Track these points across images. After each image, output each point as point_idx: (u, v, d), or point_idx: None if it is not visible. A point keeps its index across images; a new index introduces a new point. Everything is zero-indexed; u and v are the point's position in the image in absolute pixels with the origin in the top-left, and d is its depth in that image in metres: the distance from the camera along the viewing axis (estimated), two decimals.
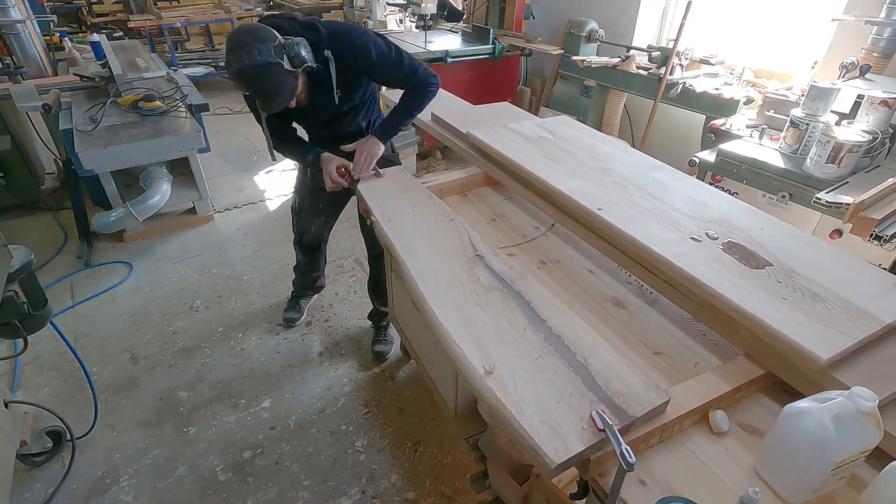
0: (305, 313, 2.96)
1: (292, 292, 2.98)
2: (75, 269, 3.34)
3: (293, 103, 1.80)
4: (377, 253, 2.45)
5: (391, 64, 1.91)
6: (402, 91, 2.04)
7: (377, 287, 2.59)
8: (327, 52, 1.78)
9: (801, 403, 0.94)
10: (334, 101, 1.92)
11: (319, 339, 2.81)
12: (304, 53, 1.68)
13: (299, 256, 2.76)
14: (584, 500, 1.09)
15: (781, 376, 1.19)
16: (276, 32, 1.66)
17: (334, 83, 1.84)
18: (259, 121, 1.98)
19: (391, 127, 2.03)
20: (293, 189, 2.52)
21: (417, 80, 1.98)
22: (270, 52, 1.60)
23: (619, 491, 0.92)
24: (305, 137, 2.20)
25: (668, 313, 1.51)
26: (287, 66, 1.65)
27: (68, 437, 2.14)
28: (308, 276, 2.87)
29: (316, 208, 2.44)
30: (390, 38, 1.97)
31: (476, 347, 1.19)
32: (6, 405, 1.91)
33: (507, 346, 1.19)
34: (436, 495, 2.06)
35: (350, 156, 2.02)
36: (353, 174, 1.97)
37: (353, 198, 2.12)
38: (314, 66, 1.74)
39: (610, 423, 0.94)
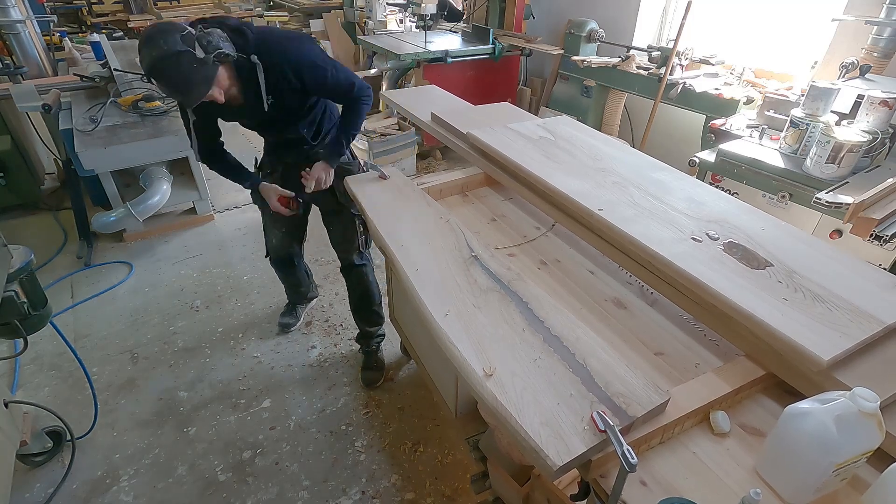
0: (302, 318, 2.93)
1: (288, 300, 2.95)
2: (75, 269, 3.34)
3: (221, 98, 1.74)
4: (348, 264, 2.39)
5: (326, 78, 1.87)
6: (343, 111, 2.03)
7: (358, 304, 2.49)
8: (254, 58, 1.72)
9: (803, 404, 0.94)
10: (263, 106, 1.86)
11: (319, 339, 2.81)
12: (218, 42, 1.64)
13: (277, 273, 2.71)
14: (585, 501, 1.09)
15: (782, 377, 1.19)
16: (186, 25, 1.64)
17: (263, 89, 1.78)
18: (187, 126, 1.94)
19: (336, 149, 2.02)
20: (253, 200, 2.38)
21: (354, 94, 1.95)
22: (178, 41, 1.56)
23: (621, 492, 0.92)
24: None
25: (668, 314, 1.50)
26: (199, 53, 1.60)
27: (68, 437, 2.14)
28: (295, 292, 2.82)
29: (275, 220, 2.33)
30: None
31: (475, 350, 1.19)
32: (6, 405, 1.91)
33: (506, 348, 1.19)
34: (436, 495, 2.06)
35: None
36: (316, 187, 2.00)
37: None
38: (232, 55, 1.69)
39: (611, 423, 0.94)
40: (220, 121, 2.04)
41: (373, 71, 5.28)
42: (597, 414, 0.98)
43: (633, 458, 0.86)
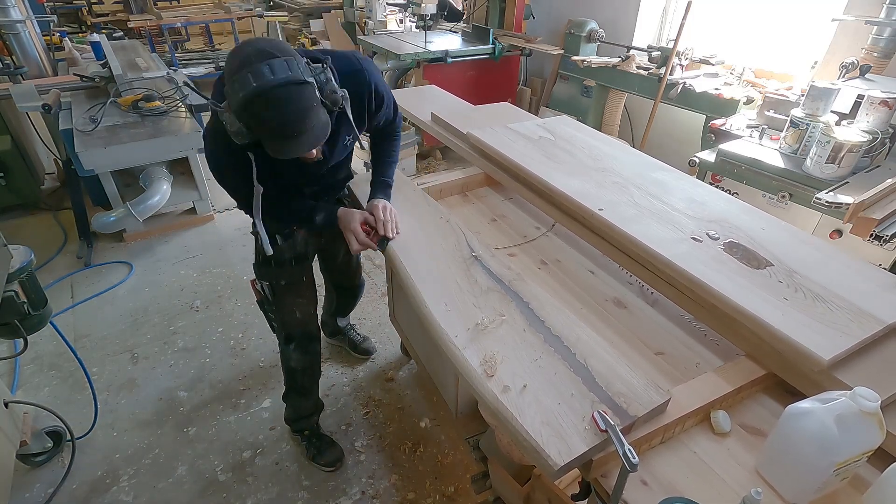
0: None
1: (297, 431, 2.24)
2: (75, 269, 3.34)
3: (318, 152, 1.47)
4: (353, 285, 2.45)
5: (389, 104, 1.68)
6: (379, 140, 1.81)
7: (348, 306, 2.59)
8: (343, 91, 1.37)
9: (804, 404, 0.94)
10: (345, 145, 1.64)
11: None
12: (335, 84, 1.34)
13: (296, 361, 2.02)
14: (587, 500, 1.08)
15: (783, 376, 1.19)
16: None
17: (353, 124, 1.45)
18: (231, 182, 1.55)
19: (390, 182, 1.76)
20: (254, 279, 1.94)
21: (398, 122, 1.82)
22: (303, 68, 1.21)
23: (622, 492, 0.92)
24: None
25: (669, 313, 1.50)
26: (318, 93, 1.27)
27: (68, 437, 2.14)
28: (311, 391, 2.16)
29: (291, 289, 1.90)
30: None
31: (475, 350, 1.19)
32: (6, 405, 1.91)
33: (506, 348, 1.19)
34: (436, 495, 2.06)
35: None
36: (385, 232, 1.61)
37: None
38: (341, 103, 1.36)
39: (612, 423, 0.94)
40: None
41: None
42: (598, 413, 0.98)
43: (634, 458, 0.86)
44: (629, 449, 0.87)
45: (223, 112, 1.26)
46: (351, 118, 1.43)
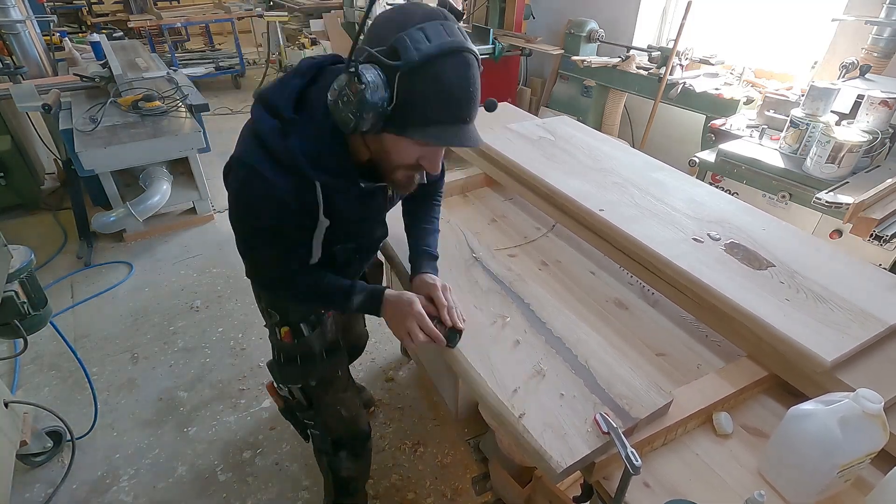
0: None
1: None
2: (75, 269, 3.33)
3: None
4: (362, 344, 2.13)
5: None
6: (414, 203, 1.47)
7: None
8: None
9: (807, 405, 0.94)
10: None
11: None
12: None
13: (349, 470, 1.70)
14: (588, 503, 1.08)
15: (785, 378, 1.19)
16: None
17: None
18: (281, 243, 1.16)
19: (434, 253, 1.40)
20: (273, 383, 1.56)
21: (442, 181, 1.55)
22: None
23: (625, 494, 0.91)
24: None
25: (670, 314, 1.50)
26: None
27: (68, 437, 2.14)
28: (362, 491, 1.89)
29: (337, 378, 1.53)
30: None
31: (476, 352, 1.19)
32: (6, 405, 1.90)
33: (507, 350, 1.19)
34: (436, 495, 2.06)
35: None
36: (454, 322, 1.23)
37: None
38: None
39: (614, 425, 0.94)
40: None
41: None
42: (600, 416, 0.98)
43: (637, 461, 0.85)
44: (632, 451, 0.87)
45: (367, 69, 0.91)
46: None
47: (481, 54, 4.46)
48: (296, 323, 1.39)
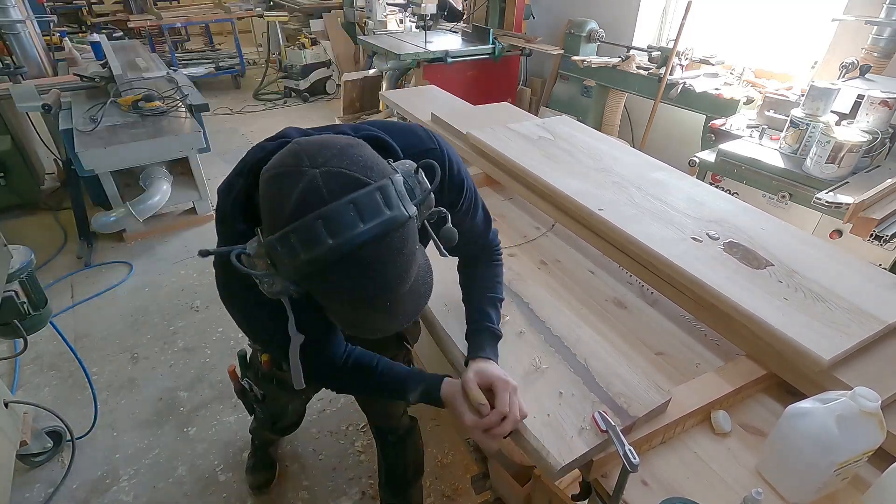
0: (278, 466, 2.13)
1: (252, 436, 2.07)
2: (75, 269, 3.33)
3: None
4: (402, 433, 1.67)
5: (470, 200, 1.12)
6: (468, 265, 1.26)
7: (412, 476, 1.77)
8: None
9: (804, 404, 0.94)
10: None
11: None
12: (428, 188, 0.82)
13: (268, 437, 2.02)
14: (587, 501, 1.08)
15: (783, 376, 1.19)
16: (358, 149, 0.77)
17: (433, 237, 0.89)
18: (266, 331, 1.03)
19: (496, 330, 1.16)
20: (236, 371, 1.65)
21: (493, 238, 1.26)
22: (401, 188, 0.75)
23: (623, 492, 0.92)
24: None
25: (669, 313, 1.50)
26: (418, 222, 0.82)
27: (68, 437, 2.14)
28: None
29: (287, 386, 1.38)
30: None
31: None
32: (6, 405, 1.91)
33: (506, 348, 1.19)
34: (436, 495, 2.06)
35: None
36: (516, 422, 0.99)
37: None
38: (444, 211, 0.87)
39: (612, 423, 0.94)
40: None
41: (372, 71, 5.28)
42: (598, 414, 0.98)
43: (635, 459, 0.86)
44: (630, 449, 0.87)
45: (252, 262, 0.75)
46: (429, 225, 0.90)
47: (482, 54, 4.55)
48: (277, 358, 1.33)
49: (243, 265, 0.74)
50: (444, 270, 1.44)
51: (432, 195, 0.82)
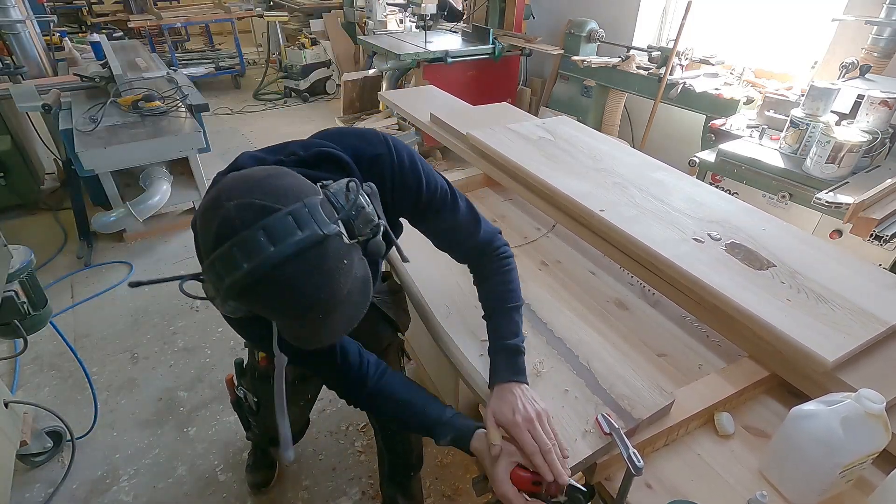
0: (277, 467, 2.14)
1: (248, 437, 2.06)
2: (75, 269, 3.33)
3: None
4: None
5: (451, 204, 1.14)
6: (477, 277, 1.24)
7: (411, 465, 1.80)
8: (369, 186, 0.91)
9: (809, 406, 0.94)
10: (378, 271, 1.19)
11: None
12: (364, 204, 0.85)
13: (264, 444, 2.03)
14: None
15: (786, 378, 1.19)
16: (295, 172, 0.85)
17: (393, 239, 0.94)
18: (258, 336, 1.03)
19: (518, 346, 1.10)
20: (233, 380, 1.65)
21: (490, 237, 1.22)
22: (316, 210, 0.77)
23: (627, 495, 0.91)
24: None
25: (670, 315, 1.50)
26: (346, 237, 0.81)
27: (68, 437, 2.14)
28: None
29: (298, 389, 1.59)
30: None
31: (478, 352, 1.19)
32: (6, 405, 1.90)
33: None
34: (436, 495, 2.06)
35: None
36: (557, 476, 0.90)
37: None
38: (381, 223, 0.87)
39: (616, 426, 0.94)
40: None
41: (372, 71, 5.28)
42: (602, 416, 0.97)
43: (639, 462, 0.85)
44: (634, 452, 0.87)
45: (206, 287, 0.86)
46: (395, 241, 0.95)
47: (481, 54, 4.54)
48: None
49: (188, 293, 0.86)
50: (446, 272, 1.44)
51: (368, 209, 0.84)
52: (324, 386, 1.79)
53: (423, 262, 1.49)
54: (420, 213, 1.12)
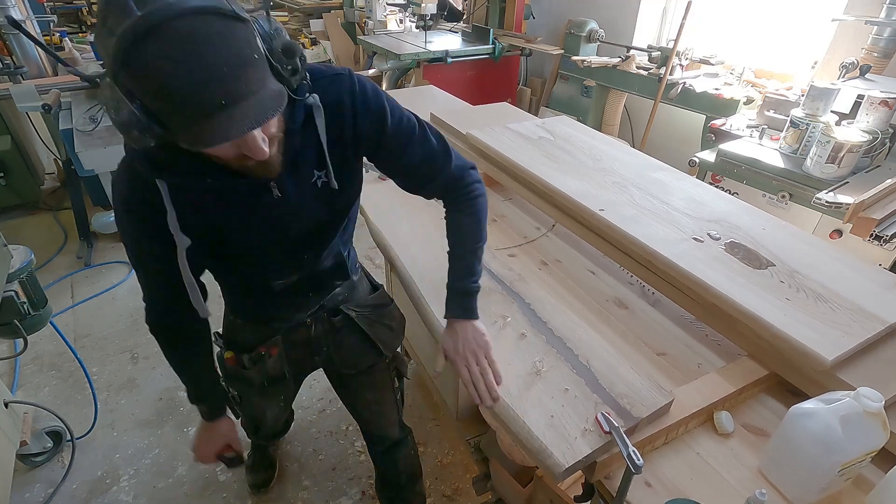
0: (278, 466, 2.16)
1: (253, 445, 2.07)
2: (75, 269, 3.33)
3: (264, 150, 0.82)
4: (390, 443, 1.65)
5: (419, 134, 1.10)
6: (447, 212, 1.22)
7: (404, 485, 1.73)
8: (313, 98, 0.94)
9: (808, 404, 0.94)
10: (328, 189, 1.04)
11: None
12: (288, 38, 0.87)
13: (252, 439, 2.00)
14: (589, 502, 1.08)
15: (785, 377, 1.19)
16: None
17: (326, 155, 0.98)
18: (140, 261, 1.07)
19: (468, 286, 1.17)
20: (222, 379, 1.52)
21: (456, 169, 1.16)
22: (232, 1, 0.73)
23: (626, 493, 0.91)
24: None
25: (670, 314, 1.50)
26: (262, 47, 0.78)
27: (68, 437, 2.14)
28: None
29: (269, 392, 1.47)
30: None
31: None
32: (6, 405, 1.90)
33: (508, 350, 1.19)
34: (436, 495, 2.06)
35: None
36: (483, 400, 1.06)
37: None
38: (304, 78, 0.90)
39: (616, 425, 0.94)
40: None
41: (372, 71, 5.27)
42: (601, 415, 0.98)
43: (638, 460, 0.85)
44: (633, 451, 0.87)
45: (102, 84, 0.73)
46: (324, 142, 0.96)
47: (481, 54, 4.54)
48: (238, 352, 1.36)
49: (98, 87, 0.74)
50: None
51: (285, 35, 0.85)
52: (320, 387, 1.87)
53: (424, 262, 1.50)
54: (386, 145, 1.07)
